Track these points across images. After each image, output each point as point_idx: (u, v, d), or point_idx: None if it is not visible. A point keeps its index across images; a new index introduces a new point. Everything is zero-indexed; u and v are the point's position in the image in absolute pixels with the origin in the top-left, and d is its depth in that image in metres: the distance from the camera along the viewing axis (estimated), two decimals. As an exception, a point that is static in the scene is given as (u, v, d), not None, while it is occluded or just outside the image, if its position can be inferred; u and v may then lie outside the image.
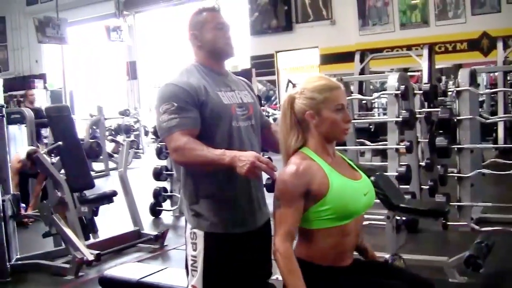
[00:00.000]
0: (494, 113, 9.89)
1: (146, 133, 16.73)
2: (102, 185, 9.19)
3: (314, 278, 2.23)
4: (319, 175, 2.20)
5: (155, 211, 7.39)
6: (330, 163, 2.27)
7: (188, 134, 2.35)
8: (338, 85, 2.32)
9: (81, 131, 12.05)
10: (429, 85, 6.21)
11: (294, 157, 2.27)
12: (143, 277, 3.08)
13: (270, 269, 2.73)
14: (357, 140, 7.10)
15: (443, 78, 14.68)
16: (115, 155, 13.09)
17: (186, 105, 2.39)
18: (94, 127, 12.34)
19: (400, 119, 5.78)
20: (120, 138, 13.90)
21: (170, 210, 7.45)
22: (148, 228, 6.43)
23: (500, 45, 10.35)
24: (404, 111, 5.81)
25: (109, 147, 13.15)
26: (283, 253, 2.14)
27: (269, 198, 2.70)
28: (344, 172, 2.30)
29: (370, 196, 2.35)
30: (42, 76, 20.22)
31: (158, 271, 3.19)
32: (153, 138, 17.23)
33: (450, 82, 13.97)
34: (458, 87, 5.76)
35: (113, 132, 14.38)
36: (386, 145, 6.36)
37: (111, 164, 12.28)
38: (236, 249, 2.50)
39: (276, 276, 2.85)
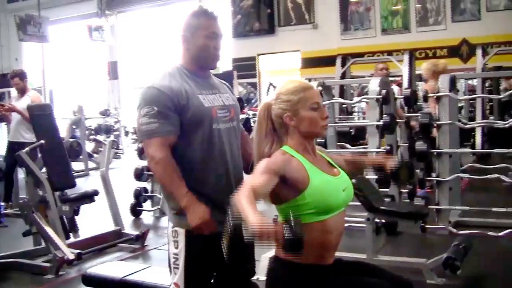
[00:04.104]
0: (472, 119, 10.00)
1: (126, 134, 16.69)
2: (81, 185, 9.14)
3: (296, 277, 2.27)
4: (298, 168, 2.26)
5: (136, 211, 7.38)
6: (311, 160, 2.33)
7: (167, 142, 2.44)
8: (310, 85, 2.41)
9: (61, 131, 12.00)
10: (409, 90, 6.29)
11: (273, 154, 2.33)
12: (127, 275, 3.11)
13: (253, 268, 2.78)
14: (338, 143, 7.16)
15: (422, 83, 14.83)
16: (95, 155, 13.06)
17: (166, 110, 2.43)
18: (74, 127, 12.28)
19: (381, 123, 5.85)
20: (100, 138, 13.84)
21: (151, 211, 7.45)
22: (128, 228, 6.41)
23: (479, 52, 10.47)
24: (385, 115, 5.88)
25: (88, 147, 13.09)
26: (243, 194, 2.06)
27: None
28: (323, 168, 2.37)
29: (348, 192, 2.41)
30: (21, 75, 19.98)
31: (141, 270, 3.22)
32: (133, 139, 17.24)
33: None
34: (438, 92, 5.86)
35: (93, 132, 14.31)
36: (366, 148, 6.42)
37: (91, 164, 12.26)
38: (218, 247, 2.53)
39: (257, 276, 2.89)
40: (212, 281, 2.65)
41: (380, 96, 5.89)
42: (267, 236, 1.88)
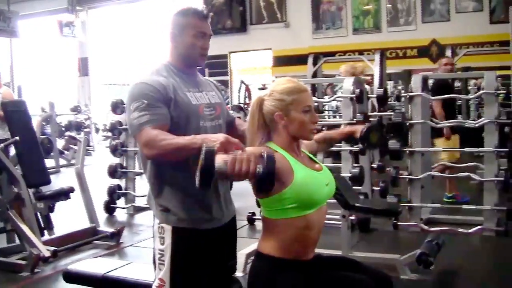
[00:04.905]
0: (441, 118, 10.19)
1: (97, 131, 16.56)
2: (53, 182, 9.05)
3: (277, 272, 2.31)
4: (282, 161, 2.29)
5: (109, 208, 7.36)
6: (294, 156, 2.38)
7: (158, 128, 2.38)
8: (305, 87, 2.42)
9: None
10: (383, 89, 6.40)
11: None
12: (108, 272, 3.11)
13: (235, 265, 2.83)
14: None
15: (391, 83, 15.06)
16: (66, 152, 12.95)
17: (156, 102, 2.43)
18: (43, 123, 12.15)
19: (355, 121, 5.93)
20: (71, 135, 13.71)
21: (125, 208, 7.44)
22: (102, 226, 6.39)
23: (448, 52, 10.65)
24: (358, 114, 5.96)
25: (59, 143, 12.95)
26: None
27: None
28: (307, 164, 2.42)
29: (331, 187, 2.47)
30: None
31: (122, 266, 3.22)
32: (104, 136, 17.09)
33: (399, 87, 14.35)
34: (411, 92, 5.97)
35: (63, 129, 14.15)
36: (340, 146, 6.50)
37: (62, 161, 12.17)
38: (203, 244, 2.57)
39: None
40: (196, 277, 2.68)
41: (354, 95, 5.98)
42: (240, 164, 1.91)
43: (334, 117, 13.49)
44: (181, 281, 2.54)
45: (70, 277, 3.27)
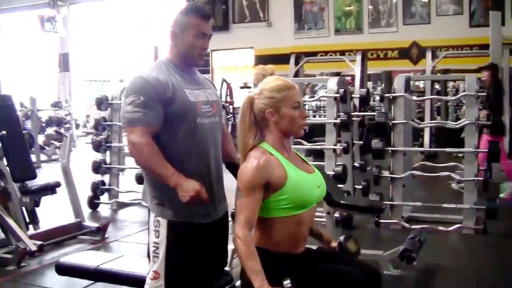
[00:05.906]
0: (420, 119, 10.37)
1: (77, 126, 16.48)
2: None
3: (272, 263, 2.38)
4: (277, 168, 2.39)
5: (93, 204, 7.37)
6: (287, 157, 2.47)
7: (149, 131, 2.50)
8: (293, 84, 2.53)
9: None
10: (366, 90, 6.51)
11: (254, 151, 2.44)
12: (101, 264, 3.16)
13: (226, 258, 2.90)
14: (295, 139, 7.32)
15: (371, 83, 15.23)
16: (47, 148, 12.91)
17: (151, 101, 2.51)
18: (23, 119, 12.09)
19: (339, 121, 6.03)
20: (50, 130, 13.66)
21: (108, 203, 7.46)
22: (86, 221, 6.40)
23: (428, 54, 10.84)
24: (342, 114, 6.05)
25: (39, 139, 12.89)
26: (243, 238, 2.28)
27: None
28: (300, 166, 2.50)
29: (322, 189, 2.57)
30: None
31: (114, 259, 3.27)
32: (84, 132, 17.02)
33: (379, 88, 14.52)
34: (394, 92, 6.08)
35: (43, 124, 14.09)
36: (320, 145, 6.59)
37: (42, 157, 12.13)
38: (197, 237, 2.63)
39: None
40: (190, 269, 2.74)
41: (338, 95, 6.06)
42: None
43: (314, 116, 13.64)
44: (175, 274, 2.60)
45: (62, 269, 3.30)
